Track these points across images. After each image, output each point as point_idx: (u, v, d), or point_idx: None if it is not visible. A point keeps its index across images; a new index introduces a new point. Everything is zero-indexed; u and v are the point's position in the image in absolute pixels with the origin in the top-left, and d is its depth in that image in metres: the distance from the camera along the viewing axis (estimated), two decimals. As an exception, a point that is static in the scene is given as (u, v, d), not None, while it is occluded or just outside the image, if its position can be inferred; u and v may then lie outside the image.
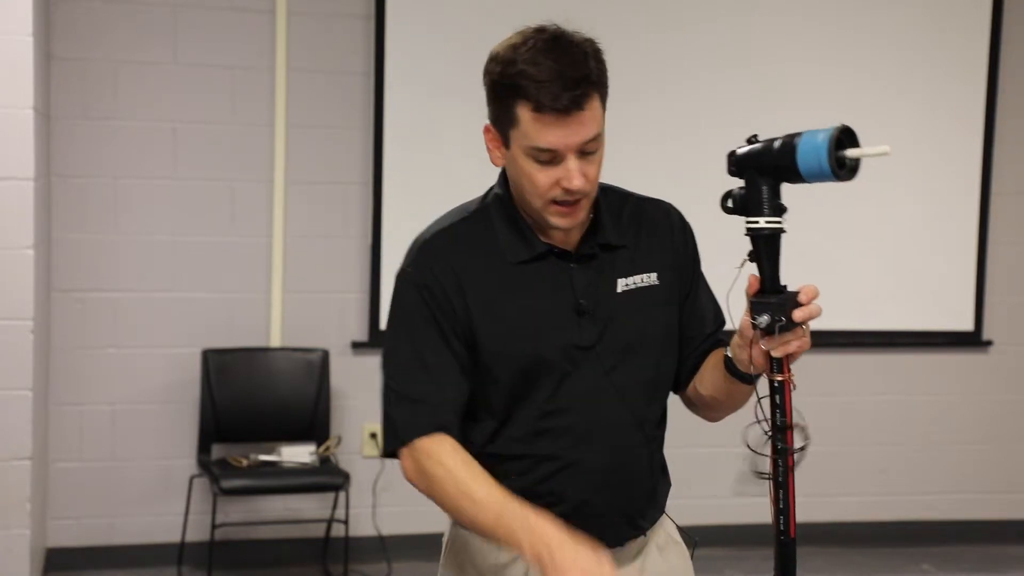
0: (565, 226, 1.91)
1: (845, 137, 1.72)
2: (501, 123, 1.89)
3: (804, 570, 1.80)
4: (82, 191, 4.91)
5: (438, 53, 5.11)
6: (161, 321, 5.00)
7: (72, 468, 4.95)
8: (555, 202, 1.87)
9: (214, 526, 4.76)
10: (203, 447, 4.93)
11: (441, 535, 2.10)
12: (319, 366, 5.05)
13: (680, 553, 2.12)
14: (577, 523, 1.89)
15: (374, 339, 5.14)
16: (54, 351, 4.87)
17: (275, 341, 5.10)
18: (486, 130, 1.94)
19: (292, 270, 5.10)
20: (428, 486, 1.91)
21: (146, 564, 4.98)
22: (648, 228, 2.03)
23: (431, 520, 2.10)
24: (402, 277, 1.97)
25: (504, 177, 2.00)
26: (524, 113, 1.83)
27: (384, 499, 5.18)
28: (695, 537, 2.14)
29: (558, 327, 1.93)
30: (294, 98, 5.06)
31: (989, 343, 5.72)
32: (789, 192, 1.82)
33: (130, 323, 4.97)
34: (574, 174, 1.84)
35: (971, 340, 5.70)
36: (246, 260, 5.07)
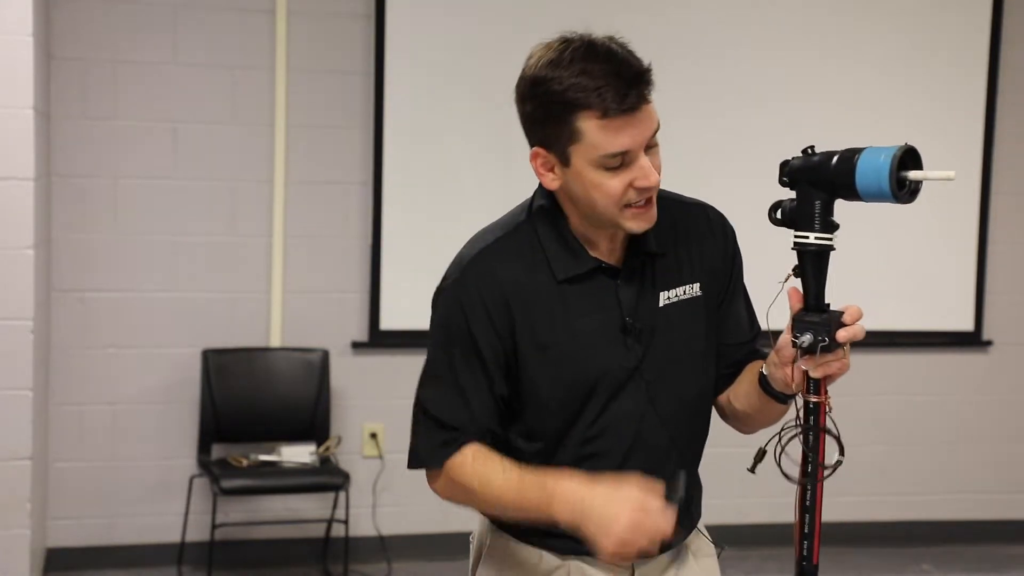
0: (644, 228, 1.85)
1: (908, 158, 1.68)
2: (557, 143, 1.82)
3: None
4: (82, 191, 4.91)
5: (438, 53, 5.11)
6: (161, 321, 4.99)
7: (72, 468, 4.95)
8: (628, 206, 1.82)
9: (214, 526, 4.76)
10: (203, 447, 4.93)
11: (441, 535, 2.11)
12: (319, 366, 5.05)
13: (714, 559, 2.09)
14: None
15: (374, 339, 5.14)
16: (54, 351, 4.87)
17: (275, 341, 5.10)
18: (534, 156, 1.87)
19: (292, 270, 5.10)
20: (462, 499, 1.92)
21: (146, 564, 4.98)
22: (687, 233, 1.97)
23: (431, 520, 2.11)
24: (443, 293, 1.92)
25: (546, 190, 1.93)
26: (588, 124, 1.77)
27: (384, 499, 5.18)
28: (723, 545, 2.11)
29: (606, 348, 1.89)
30: (294, 98, 5.06)
31: (989, 343, 5.72)
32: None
33: (130, 323, 4.97)
34: (649, 171, 1.80)
35: (971, 340, 5.70)
36: (246, 260, 5.07)
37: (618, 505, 1.72)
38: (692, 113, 5.22)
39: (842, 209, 1.80)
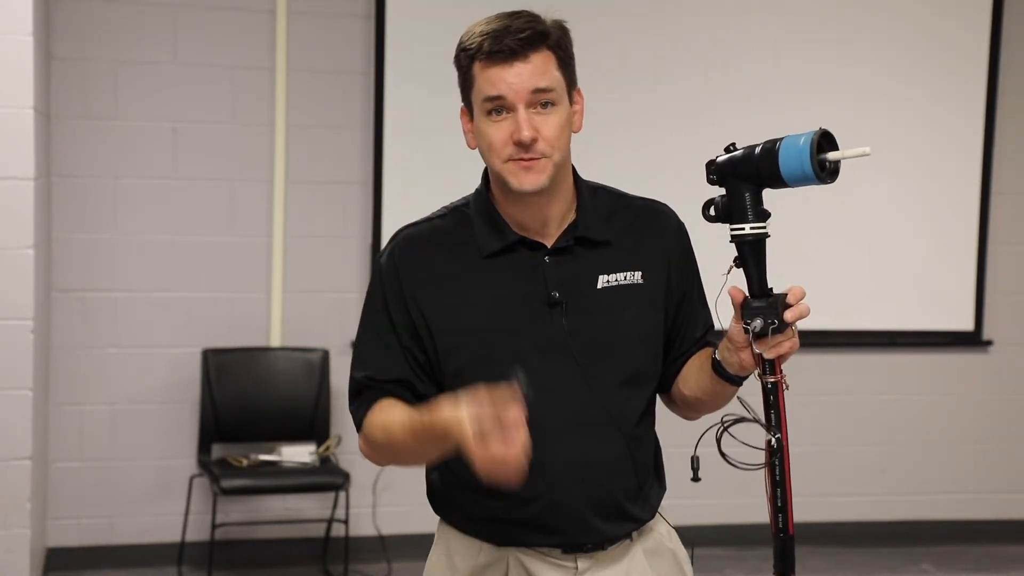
0: (526, 186, 1.90)
1: (825, 140, 1.74)
2: (466, 95, 1.95)
3: (804, 570, 1.80)
4: (82, 191, 4.91)
5: (438, 53, 5.06)
6: (161, 321, 5.00)
7: (72, 468, 4.95)
8: (511, 160, 1.89)
9: (214, 526, 4.76)
10: (203, 447, 4.93)
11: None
12: (319, 366, 5.05)
13: (673, 560, 2.08)
14: (551, 524, 1.93)
15: (374, 339, 5.14)
16: (54, 351, 4.87)
17: (275, 341, 5.10)
18: (461, 114, 1.99)
19: (292, 270, 5.10)
20: (379, 455, 2.00)
21: (146, 564, 4.98)
22: (638, 227, 2.03)
23: (431, 520, 2.11)
24: (375, 263, 2.09)
25: (485, 172, 2.03)
26: (476, 69, 1.90)
27: (384, 499, 5.18)
28: (692, 540, 2.13)
29: (527, 318, 1.94)
30: (294, 98, 5.06)
31: (989, 343, 5.72)
32: (788, 193, 1.82)
33: (130, 323, 4.97)
34: (523, 124, 1.86)
35: (971, 340, 5.70)
36: (246, 260, 5.07)
37: (463, 417, 1.71)
38: (691, 123, 5.22)
39: (842, 210, 1.81)
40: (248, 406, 4.99)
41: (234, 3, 5.00)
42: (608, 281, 1.97)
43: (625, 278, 1.98)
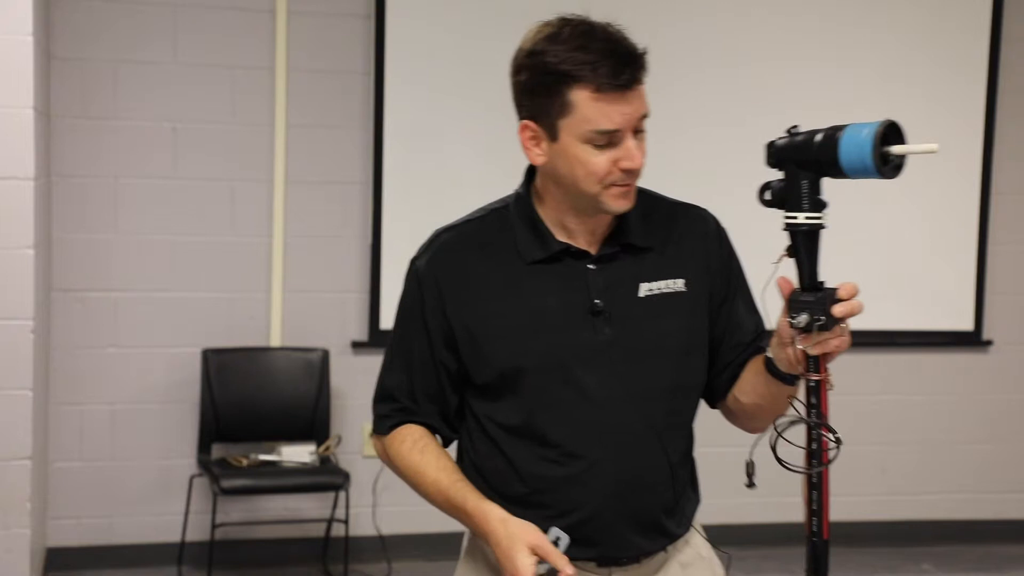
0: (624, 208, 1.87)
1: (891, 133, 1.66)
2: (547, 115, 1.84)
3: (804, 569, 1.79)
4: (82, 191, 4.91)
5: (438, 53, 5.11)
6: (161, 321, 5.00)
7: (72, 468, 4.95)
8: (610, 185, 1.84)
9: (214, 526, 4.76)
10: (203, 447, 4.93)
11: (441, 535, 2.12)
12: (319, 366, 5.05)
13: (708, 571, 2.04)
14: (588, 537, 1.89)
15: (374, 339, 5.14)
16: (54, 351, 4.87)
17: (275, 341, 5.10)
18: (522, 128, 1.90)
19: (292, 270, 5.10)
20: (397, 473, 2.01)
21: (146, 564, 4.98)
22: (679, 233, 1.98)
23: (431, 520, 2.12)
24: (410, 265, 2.01)
25: (528, 177, 1.98)
26: (580, 97, 1.80)
27: (384, 499, 5.18)
28: (728, 554, 2.07)
29: (569, 326, 1.89)
30: (294, 98, 5.06)
31: (989, 343, 5.72)
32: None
33: (130, 323, 4.97)
34: (634, 152, 1.82)
35: (971, 340, 5.70)
36: (246, 260, 5.07)
37: (514, 546, 1.81)
38: (693, 120, 5.22)
39: (842, 209, 1.80)
40: (248, 406, 4.99)
41: (234, 3, 5.00)
42: (651, 289, 1.93)
43: (667, 286, 1.94)
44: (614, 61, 1.79)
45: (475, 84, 5.07)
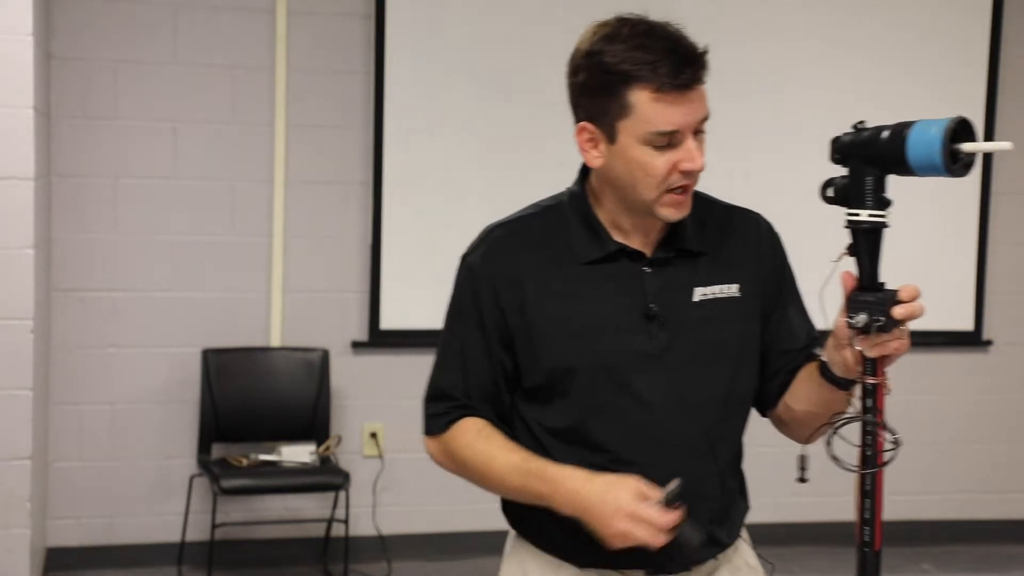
0: (678, 217, 1.83)
1: (961, 130, 1.62)
2: (605, 117, 1.80)
3: (804, 569, 1.80)
4: (82, 191, 4.91)
5: (438, 53, 5.11)
6: (161, 321, 5.00)
7: (72, 468, 4.95)
8: (668, 191, 1.81)
9: (214, 526, 4.76)
10: (203, 447, 4.93)
11: (441, 535, 2.11)
12: (319, 366, 5.05)
13: None
14: (636, 547, 1.81)
15: (374, 338, 5.14)
16: (54, 351, 4.87)
17: (275, 341, 5.10)
18: (580, 130, 1.85)
19: (292, 270, 5.10)
20: (457, 469, 1.94)
21: (146, 564, 4.98)
22: (733, 237, 1.94)
23: (431, 520, 2.11)
24: (462, 262, 1.95)
25: (582, 176, 1.94)
26: (640, 98, 1.76)
27: (384, 499, 5.18)
28: (772, 563, 2.04)
29: (624, 330, 1.86)
30: (294, 98, 5.06)
31: (989, 343, 5.72)
32: (783, 193, 1.81)
33: (130, 323, 4.97)
34: (696, 154, 1.79)
35: (971, 340, 5.70)
36: (246, 260, 5.07)
37: (615, 495, 1.73)
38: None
39: (840, 208, 1.78)
40: (248, 406, 4.99)
41: (234, 3, 5.00)
42: (705, 294, 1.89)
43: (721, 291, 1.90)
44: (675, 60, 1.76)
45: (475, 84, 5.07)
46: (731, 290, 1.91)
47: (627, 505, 1.72)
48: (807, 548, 5.06)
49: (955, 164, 1.61)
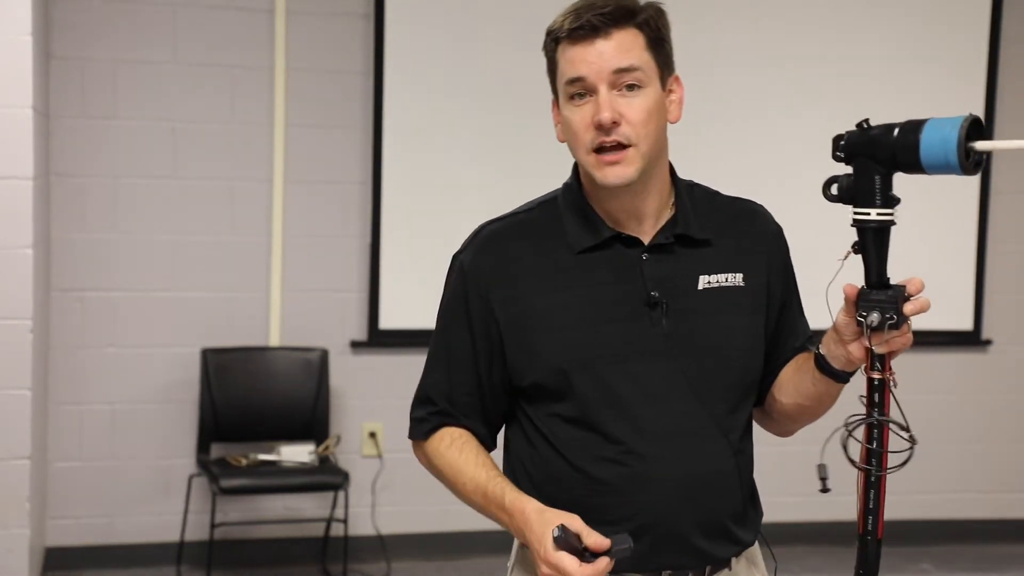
0: (613, 180, 1.77)
1: (973, 129, 1.62)
2: (553, 83, 1.84)
3: (804, 569, 1.79)
4: (82, 191, 4.91)
5: (438, 53, 5.11)
6: (161, 321, 5.00)
7: (71, 468, 4.95)
8: (596, 152, 1.77)
9: (213, 525, 4.76)
10: (202, 446, 4.93)
11: (441, 535, 2.11)
12: (318, 365, 5.05)
13: None
14: (651, 543, 1.79)
15: (373, 338, 5.15)
16: (54, 351, 4.87)
17: (274, 340, 5.10)
18: (552, 107, 1.88)
19: (292, 270, 5.11)
20: (437, 477, 1.94)
21: (146, 563, 4.98)
22: (737, 228, 1.92)
23: (431, 520, 2.11)
24: (453, 260, 1.93)
25: (576, 166, 1.91)
26: (559, 52, 1.81)
27: (383, 499, 5.18)
28: (775, 561, 2.00)
29: (624, 318, 1.81)
30: (294, 98, 5.06)
31: (989, 343, 5.72)
32: (781, 194, 1.81)
33: (130, 323, 4.97)
34: (603, 104, 1.75)
35: (971, 340, 5.70)
36: (246, 260, 5.07)
37: (544, 539, 1.69)
38: (692, 118, 5.22)
39: (840, 208, 1.78)
40: (247, 406, 4.99)
41: (234, 3, 5.00)
42: (710, 282, 1.85)
43: (727, 279, 1.86)
44: (581, 11, 1.77)
45: (475, 84, 5.07)
46: (736, 279, 1.88)
47: (545, 554, 1.68)
48: (807, 548, 5.07)
49: (967, 162, 1.61)
